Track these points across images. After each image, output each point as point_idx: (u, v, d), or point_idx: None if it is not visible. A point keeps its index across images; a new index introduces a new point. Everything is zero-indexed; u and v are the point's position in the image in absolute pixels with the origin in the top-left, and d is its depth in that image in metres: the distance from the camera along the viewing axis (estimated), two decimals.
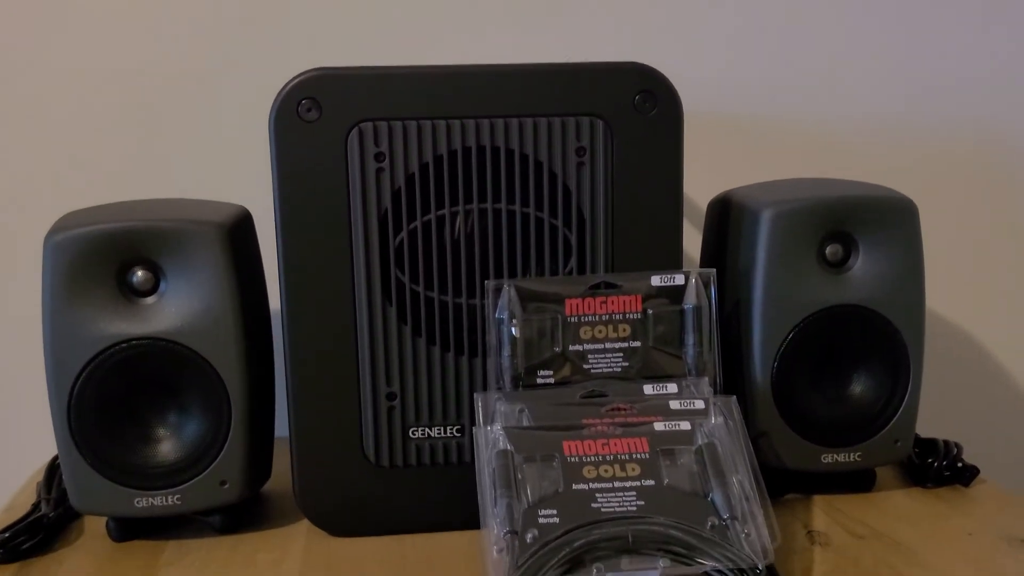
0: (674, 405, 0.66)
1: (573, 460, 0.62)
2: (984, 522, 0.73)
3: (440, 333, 0.70)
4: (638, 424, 0.65)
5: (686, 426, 0.65)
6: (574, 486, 0.61)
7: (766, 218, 0.73)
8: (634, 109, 0.69)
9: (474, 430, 0.65)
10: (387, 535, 0.72)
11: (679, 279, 0.70)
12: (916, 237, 0.75)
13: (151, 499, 0.70)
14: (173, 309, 0.69)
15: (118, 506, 0.70)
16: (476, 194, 0.69)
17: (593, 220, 0.70)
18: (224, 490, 0.71)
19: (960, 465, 0.79)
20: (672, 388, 0.68)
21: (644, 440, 0.64)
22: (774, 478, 0.72)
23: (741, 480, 0.62)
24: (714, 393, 0.68)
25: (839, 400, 0.76)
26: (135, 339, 0.68)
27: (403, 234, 0.69)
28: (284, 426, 0.72)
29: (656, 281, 0.69)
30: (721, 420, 0.65)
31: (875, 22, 1.02)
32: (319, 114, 0.66)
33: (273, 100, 0.67)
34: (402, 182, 0.68)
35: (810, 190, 0.76)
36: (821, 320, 0.74)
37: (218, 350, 0.69)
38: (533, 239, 0.70)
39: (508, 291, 0.68)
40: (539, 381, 0.69)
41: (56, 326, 0.68)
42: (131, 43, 0.95)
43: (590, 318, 0.69)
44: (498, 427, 0.64)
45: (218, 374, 0.69)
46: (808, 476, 0.77)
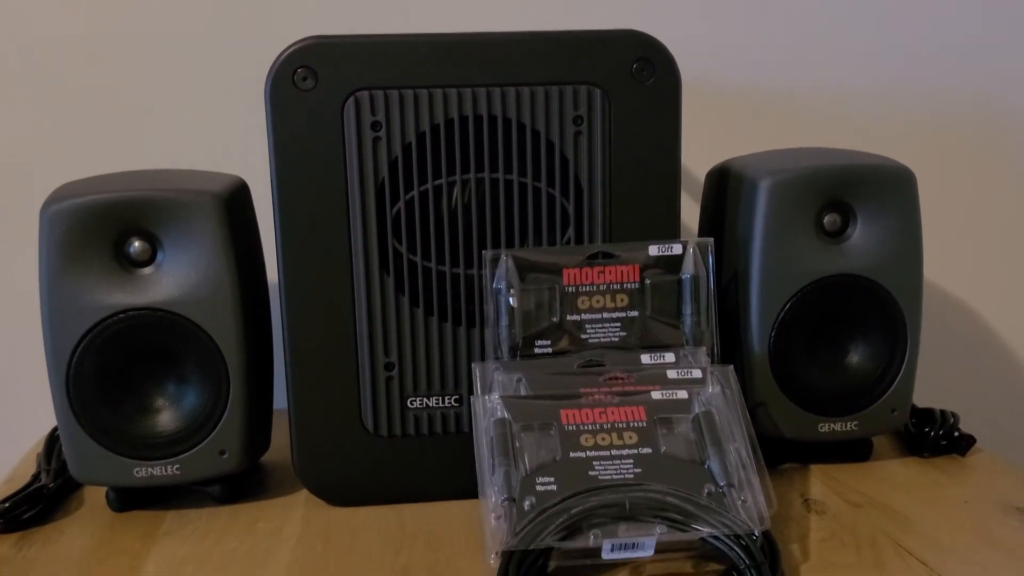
0: (672, 374, 0.67)
1: (571, 429, 0.63)
2: (980, 491, 0.73)
3: (438, 303, 0.70)
4: (636, 393, 0.65)
5: (683, 395, 0.65)
6: (571, 454, 0.61)
7: (764, 187, 0.73)
8: (632, 77, 0.68)
9: (472, 399, 0.65)
10: (386, 504, 0.72)
11: (677, 249, 0.69)
12: (914, 206, 0.75)
13: (150, 469, 0.70)
14: (170, 279, 0.69)
15: (117, 476, 0.70)
16: (473, 164, 0.68)
17: (591, 189, 0.69)
18: (223, 460, 0.71)
19: (956, 434, 0.80)
20: (670, 358, 0.68)
21: (641, 409, 0.64)
22: (771, 447, 0.73)
23: (738, 448, 0.62)
24: (711, 362, 0.68)
25: (836, 369, 0.76)
26: (133, 309, 0.68)
27: (400, 204, 0.69)
28: (283, 398, 0.72)
29: (654, 251, 0.69)
30: (718, 389, 0.65)
31: None
32: (315, 83, 0.66)
33: (269, 69, 0.66)
34: (399, 152, 0.68)
35: (808, 159, 0.76)
36: (819, 290, 0.74)
37: (216, 320, 0.69)
38: (531, 209, 0.69)
39: (506, 261, 0.68)
40: (537, 351, 0.69)
41: (54, 297, 0.68)
42: (128, 10, 0.95)
43: (588, 288, 0.69)
44: (496, 396, 0.64)
45: (216, 344, 0.69)
46: (805, 445, 0.77)
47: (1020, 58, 1.05)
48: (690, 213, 0.91)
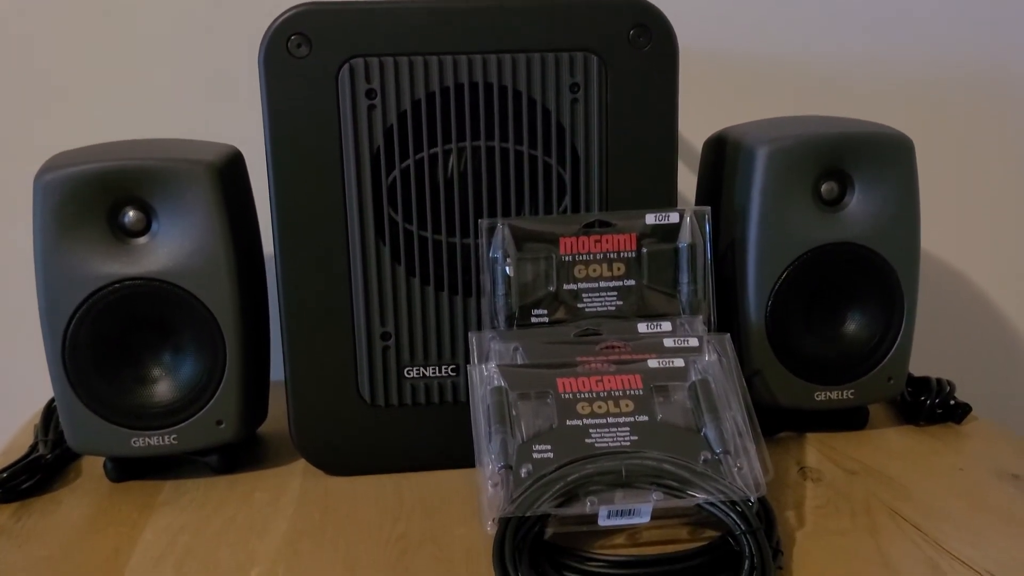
0: (668, 343, 0.67)
1: (567, 397, 0.63)
2: (975, 458, 0.73)
3: (434, 273, 0.70)
4: (632, 361, 0.65)
5: (680, 363, 0.65)
6: (568, 422, 0.61)
7: (761, 155, 0.72)
8: (629, 44, 0.68)
9: (468, 368, 0.65)
10: (383, 474, 0.72)
11: (674, 217, 0.69)
12: (912, 174, 0.74)
13: (148, 439, 0.70)
14: (165, 249, 0.69)
15: (115, 446, 0.71)
16: (469, 132, 0.68)
17: (587, 158, 0.69)
18: (220, 430, 0.71)
19: (952, 403, 0.80)
20: (666, 326, 0.68)
21: (638, 377, 0.64)
22: (767, 416, 0.73)
23: (734, 416, 0.62)
24: (708, 331, 0.68)
25: (833, 338, 0.76)
26: (128, 280, 0.68)
27: (396, 172, 0.68)
28: (280, 369, 0.72)
29: (651, 219, 0.69)
30: (715, 357, 0.65)
31: None
32: (309, 50, 0.65)
33: (262, 36, 0.66)
34: (394, 120, 0.67)
35: (806, 127, 0.76)
36: (816, 258, 0.73)
37: (211, 290, 0.69)
38: (527, 177, 0.69)
39: (502, 230, 0.68)
40: (533, 320, 0.69)
41: (49, 267, 0.68)
42: None
43: (584, 257, 0.69)
44: (492, 365, 0.64)
45: (212, 314, 0.69)
46: (801, 414, 0.77)
47: (1020, 25, 1.04)
48: (687, 183, 0.90)
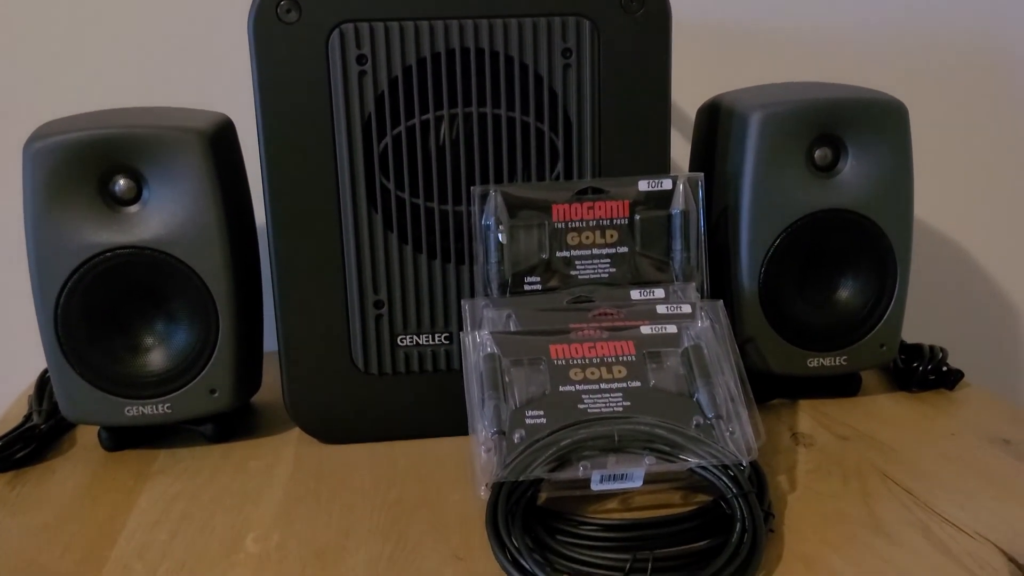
0: (661, 310, 0.67)
1: (560, 363, 0.63)
2: (967, 423, 0.74)
3: (427, 240, 0.70)
4: (625, 328, 0.65)
5: (672, 329, 0.65)
6: (561, 388, 0.61)
7: (755, 121, 0.72)
8: (621, 8, 0.67)
9: (461, 335, 0.65)
10: (377, 442, 0.73)
11: (667, 184, 0.69)
12: (906, 140, 0.74)
13: (141, 408, 0.70)
14: (157, 218, 0.68)
15: (109, 415, 0.71)
16: (461, 98, 0.68)
17: (580, 124, 0.69)
18: (214, 398, 0.71)
19: (945, 369, 0.80)
20: (659, 293, 0.68)
21: (631, 343, 0.64)
22: (760, 383, 0.73)
23: (727, 381, 0.62)
24: (701, 298, 0.68)
25: (826, 304, 0.76)
26: (119, 248, 0.68)
27: (387, 139, 0.68)
28: (274, 341, 0.72)
29: (644, 186, 0.69)
30: (708, 324, 0.65)
31: None
32: (299, 15, 0.65)
33: (251, 2, 0.65)
34: (385, 86, 0.67)
35: (799, 93, 0.75)
36: (809, 224, 0.73)
37: (203, 258, 0.68)
38: (519, 144, 0.69)
39: (494, 197, 0.67)
40: (526, 287, 0.69)
41: (39, 236, 0.67)
42: None
43: (577, 224, 0.69)
44: (485, 332, 0.64)
45: (204, 282, 0.69)
46: (794, 381, 0.77)
47: None
48: (681, 151, 0.90)
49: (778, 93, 0.76)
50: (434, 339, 0.72)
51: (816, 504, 0.61)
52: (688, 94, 0.85)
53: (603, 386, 0.62)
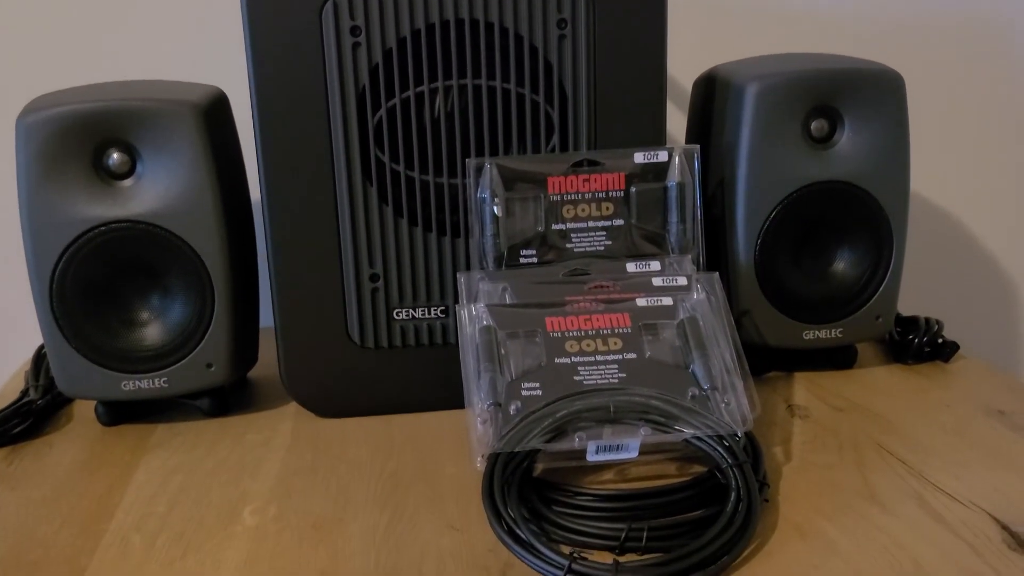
0: (657, 282, 0.67)
1: (555, 336, 0.63)
2: (963, 395, 0.74)
3: (422, 213, 0.70)
4: (621, 300, 0.65)
5: (668, 302, 0.65)
6: (557, 360, 0.62)
7: (751, 92, 0.72)
8: None
9: (457, 308, 0.65)
10: (373, 416, 0.73)
11: (662, 156, 0.69)
12: (902, 110, 0.74)
13: (138, 382, 0.70)
14: (151, 192, 0.68)
15: (105, 390, 0.71)
16: (455, 70, 0.67)
17: (575, 96, 0.68)
18: (210, 372, 0.71)
19: (940, 341, 0.80)
20: (655, 266, 0.68)
21: (626, 315, 0.64)
22: (756, 355, 0.74)
23: (722, 353, 0.62)
24: (697, 270, 0.68)
25: (822, 277, 0.76)
26: (114, 222, 0.68)
27: (382, 112, 0.67)
28: (270, 316, 0.72)
29: (639, 158, 0.69)
30: (703, 296, 0.65)
31: None
32: None
33: None
34: (379, 58, 0.66)
35: (796, 64, 0.75)
36: (805, 196, 0.73)
37: (198, 232, 0.68)
38: (514, 116, 0.68)
39: (490, 170, 0.67)
40: (522, 260, 0.68)
41: (34, 210, 0.67)
42: None
43: (573, 196, 0.68)
44: (481, 305, 0.64)
45: (199, 256, 0.69)
46: (790, 353, 0.77)
47: None
48: (678, 124, 0.90)
49: (774, 64, 0.75)
50: (430, 312, 0.72)
51: (811, 474, 0.62)
52: (684, 66, 0.84)
53: (599, 358, 0.62)
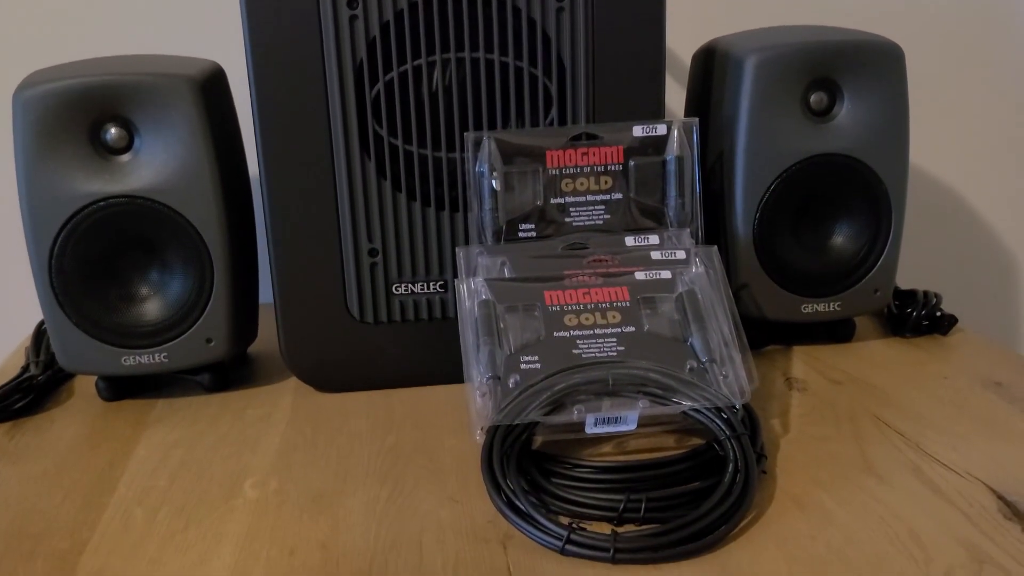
0: (655, 255, 0.67)
1: (554, 309, 0.63)
2: (960, 367, 0.74)
3: (420, 188, 0.70)
4: (619, 274, 0.65)
5: (667, 275, 0.65)
6: (555, 333, 0.62)
7: (750, 65, 0.71)
8: None
9: (455, 282, 0.65)
10: (373, 390, 0.73)
11: (661, 129, 0.69)
12: (902, 83, 0.74)
13: (138, 357, 0.71)
14: (149, 167, 0.68)
15: (105, 365, 0.71)
16: (453, 43, 0.67)
17: (573, 69, 0.68)
18: (210, 347, 0.71)
19: (939, 314, 0.80)
20: (654, 239, 0.68)
21: (625, 289, 0.64)
22: (755, 329, 0.74)
23: (720, 326, 0.62)
24: (695, 244, 0.68)
25: (820, 250, 0.76)
26: (112, 197, 0.68)
27: (379, 86, 0.67)
28: (269, 293, 0.72)
29: (638, 131, 0.68)
30: (702, 270, 0.66)
31: None
32: None
33: None
34: (377, 31, 0.66)
35: (795, 36, 0.74)
36: (804, 170, 0.73)
37: (196, 207, 0.68)
38: (512, 89, 0.68)
39: (488, 144, 0.67)
40: (521, 235, 0.68)
41: (32, 186, 0.67)
42: None
43: (571, 170, 0.68)
44: (480, 279, 0.64)
45: (198, 231, 0.69)
46: (788, 327, 0.78)
47: None
48: (677, 99, 0.89)
49: (774, 37, 0.75)
50: (429, 287, 0.72)
51: (808, 446, 0.62)
52: (683, 39, 0.84)
53: (597, 331, 0.62)
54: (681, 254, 0.67)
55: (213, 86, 0.70)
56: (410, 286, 0.72)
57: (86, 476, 0.62)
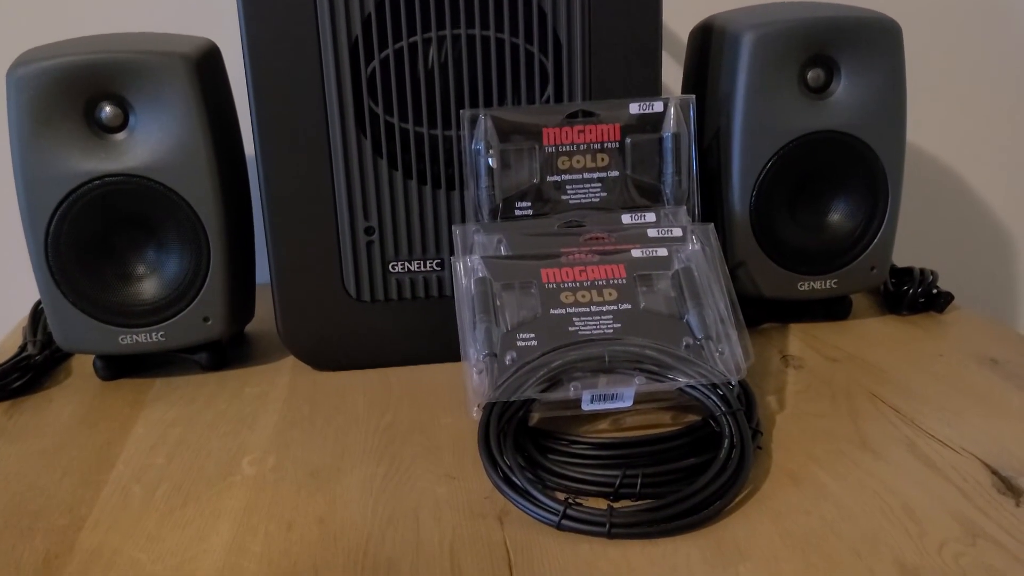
0: (652, 233, 0.67)
1: (551, 287, 0.63)
2: (956, 345, 0.74)
3: (416, 166, 0.70)
4: (616, 252, 0.65)
5: (663, 252, 0.65)
6: (552, 311, 0.62)
7: (747, 42, 0.71)
8: None
9: (452, 260, 0.65)
10: (370, 368, 0.73)
11: (658, 106, 0.68)
12: (899, 60, 0.73)
13: (135, 336, 0.71)
14: (144, 145, 0.68)
15: (102, 344, 0.71)
16: (449, 20, 0.67)
17: (570, 46, 0.68)
18: (207, 326, 0.71)
19: (935, 292, 0.80)
20: (650, 217, 0.68)
21: (621, 267, 0.64)
22: (751, 307, 0.74)
23: (717, 303, 0.62)
24: (692, 221, 0.68)
25: (817, 227, 0.76)
26: (108, 176, 0.67)
27: (375, 63, 0.67)
28: (266, 273, 0.72)
29: (635, 108, 0.68)
30: (698, 247, 0.66)
31: None
32: None
33: None
34: (372, 8, 0.66)
35: (792, 12, 0.74)
36: (801, 147, 0.73)
37: (192, 185, 0.68)
38: (508, 66, 0.68)
39: (484, 121, 0.67)
40: (517, 212, 0.68)
41: (27, 165, 0.67)
42: None
43: (568, 148, 0.68)
44: (476, 257, 0.64)
45: (193, 210, 0.68)
46: (785, 304, 0.78)
47: None
48: (674, 76, 0.89)
49: (771, 13, 0.75)
50: (425, 266, 0.72)
51: (804, 423, 0.62)
52: (680, 15, 0.84)
53: (594, 309, 0.62)
54: (677, 231, 0.67)
55: (208, 64, 0.69)
56: (407, 264, 0.72)
57: (84, 454, 0.62)
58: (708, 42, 0.76)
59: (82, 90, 0.67)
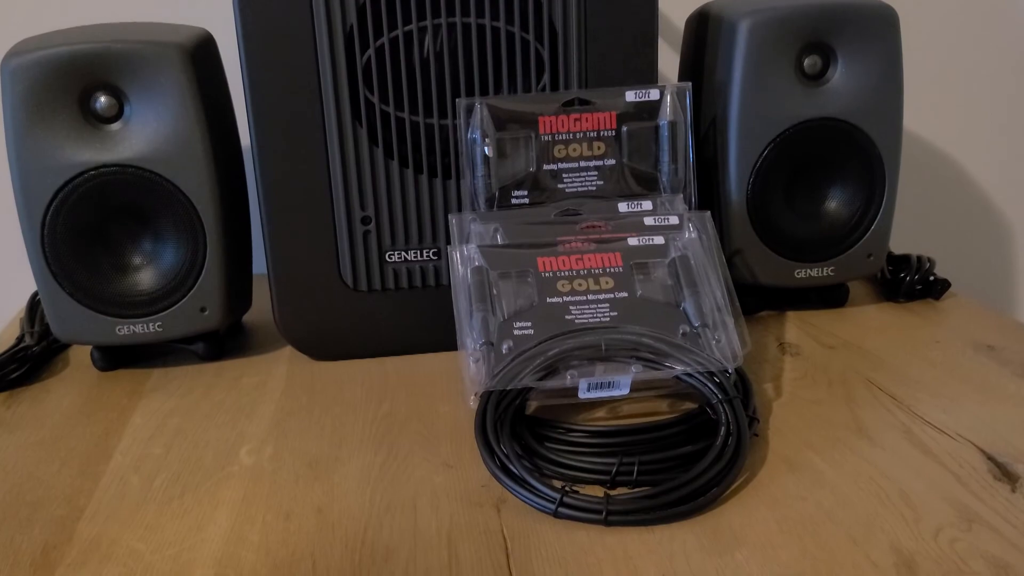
0: (648, 221, 0.67)
1: (547, 276, 0.63)
2: (952, 331, 0.74)
3: (413, 155, 0.69)
4: (612, 240, 0.65)
5: (660, 241, 0.65)
6: (548, 300, 0.62)
7: (743, 29, 0.71)
8: None
9: (449, 249, 0.65)
10: (367, 358, 0.73)
11: (654, 94, 0.68)
12: (896, 47, 0.73)
13: (132, 327, 0.71)
14: (139, 135, 0.68)
15: (100, 334, 0.71)
16: (444, 8, 0.66)
17: (566, 33, 0.68)
18: (204, 316, 0.71)
19: (932, 279, 0.80)
20: (647, 205, 0.68)
21: (618, 255, 0.64)
22: (749, 295, 0.74)
23: (713, 291, 0.62)
24: (689, 209, 0.68)
25: (814, 215, 0.76)
26: (103, 167, 0.67)
27: (370, 52, 0.67)
28: (263, 264, 0.72)
29: (631, 97, 0.68)
30: (695, 235, 0.66)
31: None
32: None
33: None
34: None
35: (789, 0, 0.74)
36: (798, 134, 0.73)
37: (188, 175, 0.68)
38: (504, 55, 0.68)
39: (480, 110, 0.67)
40: (514, 201, 0.68)
41: (22, 156, 0.67)
42: None
43: (564, 136, 0.68)
44: (473, 246, 0.64)
45: (189, 200, 0.68)
46: (782, 292, 0.78)
47: None
48: (670, 65, 0.89)
49: (767, 0, 0.74)
50: (422, 255, 0.72)
51: (801, 410, 0.62)
52: (676, 3, 0.83)
53: (590, 297, 0.62)
54: (674, 219, 0.67)
55: (203, 53, 0.69)
56: (403, 254, 0.72)
57: (82, 444, 0.62)
58: (704, 29, 0.76)
59: (77, 80, 0.66)
